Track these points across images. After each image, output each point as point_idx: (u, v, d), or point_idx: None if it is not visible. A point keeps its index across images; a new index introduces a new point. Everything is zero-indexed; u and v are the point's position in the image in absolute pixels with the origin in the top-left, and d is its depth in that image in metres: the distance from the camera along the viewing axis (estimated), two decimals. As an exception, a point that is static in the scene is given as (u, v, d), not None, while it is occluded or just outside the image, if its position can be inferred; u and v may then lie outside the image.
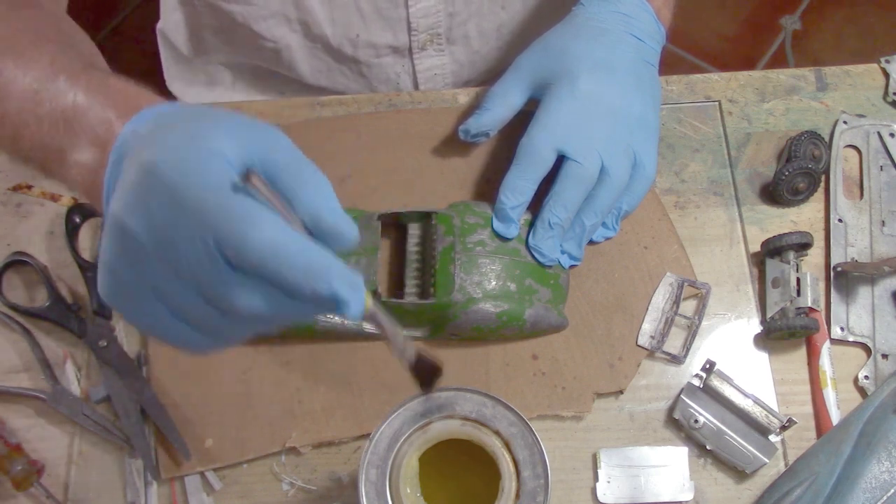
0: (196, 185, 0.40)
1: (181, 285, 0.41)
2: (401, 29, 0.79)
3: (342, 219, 0.43)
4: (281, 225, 0.40)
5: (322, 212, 0.42)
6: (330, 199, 0.43)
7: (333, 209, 0.42)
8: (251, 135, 0.43)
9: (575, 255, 0.66)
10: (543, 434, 0.53)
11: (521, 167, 0.65)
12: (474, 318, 0.63)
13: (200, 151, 0.41)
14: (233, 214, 0.39)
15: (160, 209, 0.40)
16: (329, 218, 0.42)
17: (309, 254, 0.40)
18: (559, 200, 0.64)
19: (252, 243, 0.39)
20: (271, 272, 0.40)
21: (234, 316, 0.42)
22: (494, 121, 0.69)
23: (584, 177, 0.64)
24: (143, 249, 0.41)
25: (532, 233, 0.65)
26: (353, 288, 0.41)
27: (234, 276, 0.40)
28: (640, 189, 0.67)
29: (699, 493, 0.62)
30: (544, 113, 0.65)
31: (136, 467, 0.62)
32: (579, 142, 0.64)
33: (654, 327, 0.67)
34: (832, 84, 0.77)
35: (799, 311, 0.65)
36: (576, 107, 0.65)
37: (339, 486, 0.62)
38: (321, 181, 0.43)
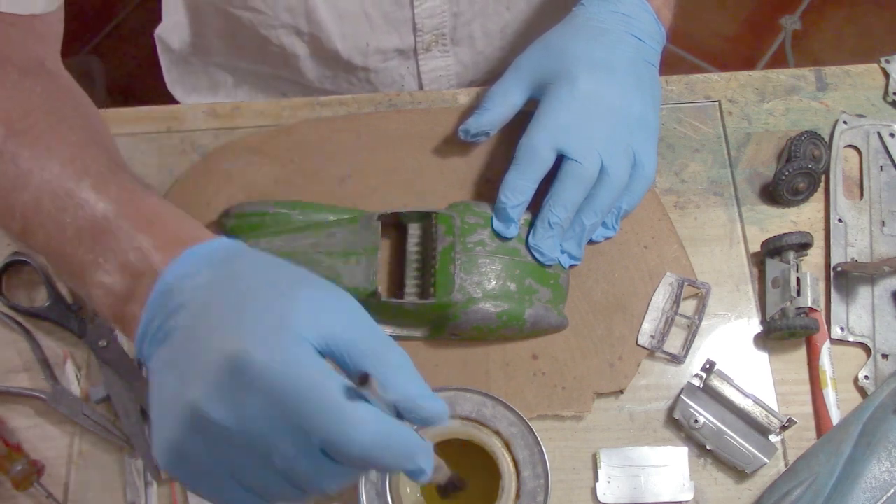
0: (299, 388, 0.38)
1: (267, 472, 0.40)
2: (406, 31, 0.79)
3: (435, 402, 0.42)
4: (384, 420, 0.40)
5: (416, 399, 0.41)
6: (418, 382, 0.42)
7: (425, 393, 0.42)
8: (332, 314, 0.41)
9: (575, 254, 0.66)
10: (543, 434, 0.53)
11: (521, 167, 0.65)
12: (474, 317, 0.63)
13: (294, 343, 0.39)
14: (343, 420, 0.38)
15: (256, 407, 0.39)
16: (427, 406, 0.42)
17: (406, 442, 0.40)
18: (559, 200, 0.64)
19: (359, 445, 0.39)
20: (372, 463, 0.40)
21: (316, 493, 0.41)
22: (494, 120, 0.69)
23: (583, 176, 0.64)
24: (228, 438, 0.39)
25: (532, 232, 0.65)
26: (429, 456, 0.41)
27: (330, 467, 0.40)
28: (640, 189, 0.67)
29: (699, 493, 0.62)
30: (544, 113, 0.65)
31: (136, 467, 0.62)
32: (579, 141, 0.64)
33: (654, 327, 0.67)
34: (832, 84, 0.77)
35: (799, 311, 0.65)
36: (575, 107, 0.65)
37: (339, 486, 0.62)
38: (405, 361, 0.42)
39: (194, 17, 0.84)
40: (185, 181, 0.71)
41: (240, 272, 0.43)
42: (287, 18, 0.76)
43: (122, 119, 0.74)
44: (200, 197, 0.70)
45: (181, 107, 0.77)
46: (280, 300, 0.41)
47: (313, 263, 0.63)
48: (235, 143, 0.73)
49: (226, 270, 0.42)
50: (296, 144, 0.73)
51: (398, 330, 0.65)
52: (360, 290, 0.62)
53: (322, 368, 0.39)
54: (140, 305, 0.43)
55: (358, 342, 0.41)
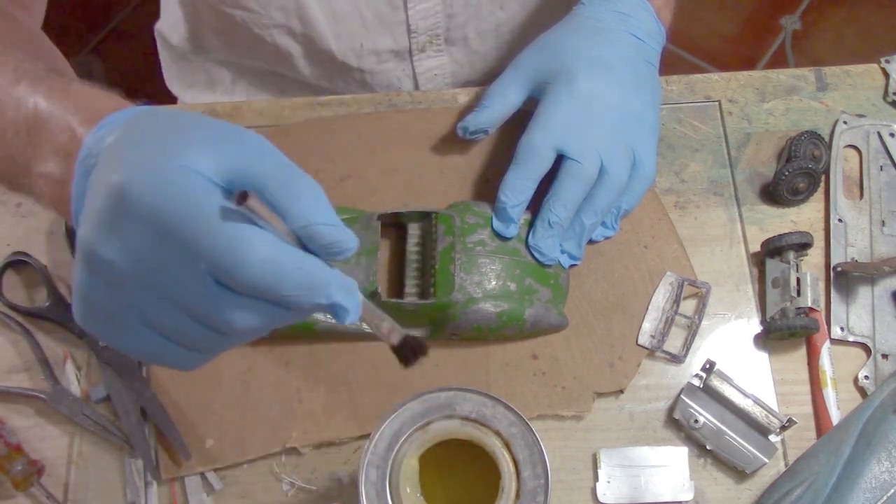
0: (177, 210, 0.38)
1: (169, 309, 0.40)
2: (400, 32, 0.79)
3: (339, 230, 0.41)
4: (276, 244, 0.39)
5: (317, 226, 0.41)
6: (324, 210, 0.41)
7: (329, 220, 0.41)
8: (230, 146, 0.41)
9: (575, 254, 0.66)
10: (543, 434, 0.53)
11: (521, 167, 0.65)
12: (474, 317, 0.63)
13: (175, 171, 0.38)
14: (225, 241, 0.38)
15: (138, 236, 0.38)
16: (325, 232, 0.41)
17: (307, 269, 0.40)
18: (559, 200, 0.64)
19: (247, 267, 0.38)
20: (269, 292, 0.39)
21: (228, 333, 0.41)
22: (493, 118, 0.69)
23: (583, 176, 0.64)
24: (122, 276, 0.39)
25: (532, 232, 0.65)
26: (350, 294, 0.41)
27: (228, 297, 0.40)
28: (640, 188, 0.67)
29: (699, 493, 0.62)
30: (543, 112, 0.65)
31: (136, 467, 0.62)
32: (578, 141, 0.64)
33: (654, 326, 0.67)
34: (832, 84, 0.77)
35: (799, 311, 0.65)
36: (574, 106, 0.65)
37: (339, 486, 0.62)
38: (313, 191, 0.41)
39: (189, 14, 0.84)
40: (185, 181, 0.71)
41: (145, 123, 0.42)
42: (280, 18, 0.76)
43: (122, 119, 0.74)
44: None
45: (181, 107, 0.77)
46: (174, 132, 0.40)
47: (313, 263, 0.63)
48: (235, 143, 0.73)
49: (134, 125, 0.42)
50: (296, 144, 0.72)
51: (398, 330, 0.65)
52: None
53: (204, 190, 0.38)
54: (71, 181, 0.43)
55: (265, 173, 0.40)
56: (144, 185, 0.38)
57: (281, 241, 0.40)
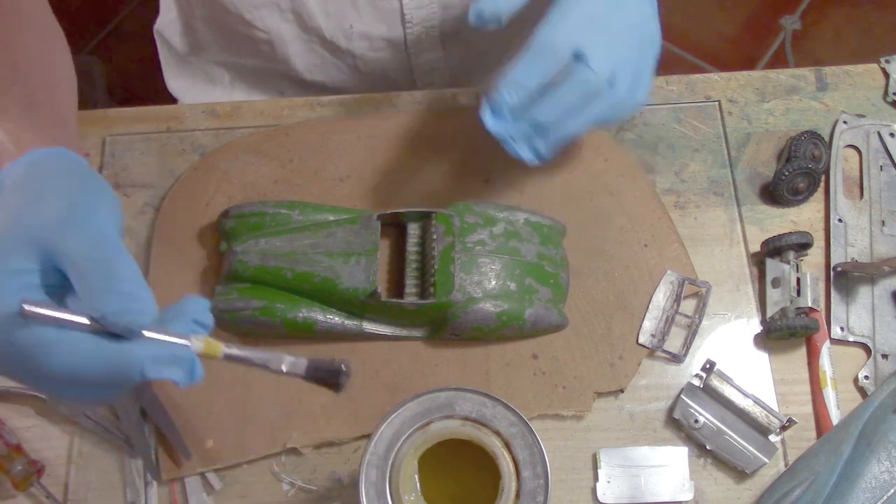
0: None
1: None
2: (395, 21, 0.78)
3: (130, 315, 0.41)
4: (71, 346, 0.40)
5: (107, 317, 0.41)
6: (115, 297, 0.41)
7: (116, 308, 0.41)
8: (56, 236, 0.41)
9: (542, 153, 0.60)
10: (543, 434, 0.53)
11: (530, 61, 0.57)
12: (474, 317, 0.63)
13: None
14: (20, 353, 0.39)
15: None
16: (116, 321, 0.41)
17: (106, 361, 0.40)
18: (557, 101, 0.58)
19: (49, 374, 0.40)
20: (86, 388, 0.41)
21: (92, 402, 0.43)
22: (512, 3, 0.60)
23: (592, 87, 0.57)
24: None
25: (512, 114, 0.59)
26: (175, 363, 0.41)
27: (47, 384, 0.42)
28: (628, 110, 0.62)
29: (699, 493, 0.62)
30: (567, 5, 0.58)
31: (136, 467, 0.62)
32: (599, 47, 0.57)
33: (654, 326, 0.67)
34: (832, 84, 0.77)
35: (799, 311, 0.65)
36: (600, 8, 0.58)
37: (339, 486, 0.62)
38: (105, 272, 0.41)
39: (183, 7, 0.83)
40: (185, 181, 0.71)
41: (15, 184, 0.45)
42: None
43: (122, 119, 0.74)
44: (200, 197, 0.70)
45: (181, 107, 0.77)
46: (14, 211, 0.43)
47: (313, 263, 0.63)
48: (235, 143, 0.73)
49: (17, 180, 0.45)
50: (295, 144, 0.73)
51: (398, 330, 0.65)
52: (359, 290, 0.62)
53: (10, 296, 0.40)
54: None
55: (71, 255, 0.42)
56: None
57: (73, 334, 0.41)
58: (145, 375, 0.40)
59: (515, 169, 0.71)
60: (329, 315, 0.64)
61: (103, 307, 0.41)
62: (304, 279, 0.63)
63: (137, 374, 0.40)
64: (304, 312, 0.63)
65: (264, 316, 0.63)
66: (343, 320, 0.64)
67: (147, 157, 0.73)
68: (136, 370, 0.40)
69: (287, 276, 0.63)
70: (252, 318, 0.63)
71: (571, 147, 0.72)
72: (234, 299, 0.63)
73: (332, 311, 0.64)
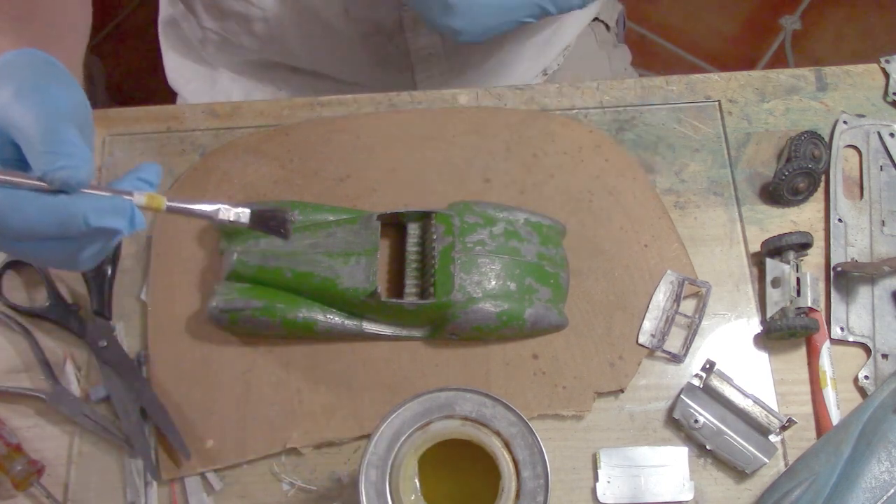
0: None
1: None
2: (391, 4, 0.78)
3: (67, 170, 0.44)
4: (8, 192, 0.44)
5: (49, 174, 0.44)
6: (49, 157, 0.44)
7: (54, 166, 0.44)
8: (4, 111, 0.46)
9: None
10: (543, 434, 0.53)
11: None
12: (474, 317, 0.63)
13: None
14: None
15: None
16: (56, 177, 0.44)
17: (49, 203, 0.44)
18: None
19: (5, 233, 0.45)
20: (25, 233, 0.45)
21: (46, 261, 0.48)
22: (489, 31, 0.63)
23: None
24: None
25: None
26: (115, 212, 0.45)
27: (17, 245, 0.46)
28: None
29: (699, 493, 0.62)
30: None
31: (136, 467, 0.62)
32: None
33: (654, 325, 0.67)
34: (832, 84, 0.77)
35: (799, 311, 0.65)
36: None
37: (339, 486, 0.62)
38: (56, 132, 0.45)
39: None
40: (185, 181, 0.71)
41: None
42: None
43: (122, 119, 0.74)
44: (200, 197, 0.70)
45: (181, 107, 0.77)
46: None
47: (313, 263, 0.63)
48: (235, 143, 0.73)
49: None
50: (295, 144, 0.73)
51: (398, 330, 0.65)
52: (359, 290, 0.62)
53: None
54: None
55: (18, 126, 0.45)
56: None
57: (20, 191, 0.45)
58: (89, 224, 0.44)
59: (515, 169, 0.72)
60: (329, 315, 0.64)
61: (44, 167, 0.44)
62: (303, 279, 0.63)
63: (82, 223, 0.44)
64: (304, 312, 0.63)
65: (264, 316, 0.63)
66: (343, 320, 0.64)
67: (147, 157, 0.73)
68: (80, 219, 0.44)
69: (287, 276, 0.63)
70: (252, 318, 0.63)
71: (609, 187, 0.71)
72: (234, 299, 0.63)
73: (332, 311, 0.64)
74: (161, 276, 0.68)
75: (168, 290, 0.67)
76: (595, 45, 0.97)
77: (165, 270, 0.68)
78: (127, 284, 0.68)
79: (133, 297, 0.68)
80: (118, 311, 0.67)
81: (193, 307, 0.67)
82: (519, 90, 0.76)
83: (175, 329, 0.66)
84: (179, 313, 0.66)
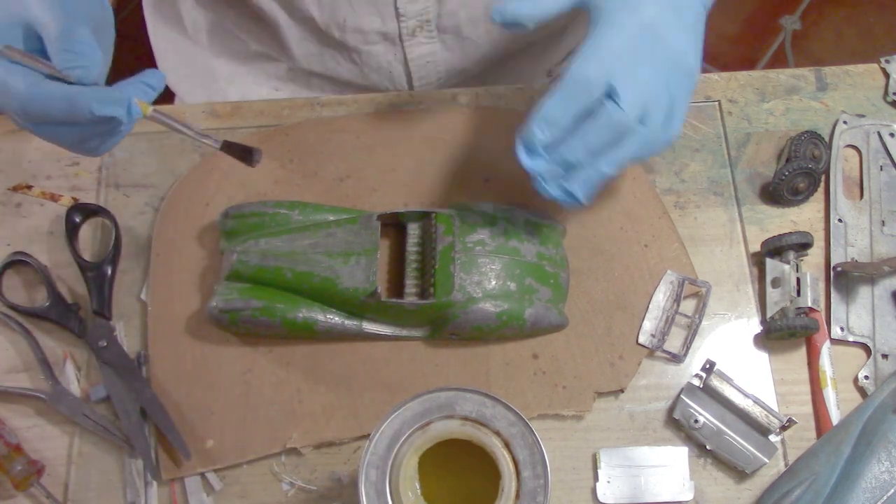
0: None
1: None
2: (388, 15, 0.78)
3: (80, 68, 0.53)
4: (34, 81, 0.53)
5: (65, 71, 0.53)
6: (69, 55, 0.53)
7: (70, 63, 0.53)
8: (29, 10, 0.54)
9: (579, 197, 0.59)
10: (543, 434, 0.53)
11: (564, 96, 0.56)
12: (474, 317, 0.63)
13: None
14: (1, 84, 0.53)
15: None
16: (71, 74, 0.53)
17: (62, 95, 0.53)
18: (585, 140, 0.57)
19: (15, 101, 0.53)
20: (42, 116, 0.53)
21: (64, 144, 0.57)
22: (534, 12, 0.58)
23: (622, 125, 0.56)
24: None
25: (542, 159, 0.58)
26: (115, 102, 0.53)
27: (36, 127, 0.55)
28: (663, 144, 0.60)
29: (699, 493, 0.62)
30: (601, 38, 0.57)
31: (136, 467, 0.62)
32: (632, 83, 0.56)
33: (654, 325, 0.67)
34: (832, 84, 0.77)
35: (799, 311, 0.65)
36: (638, 40, 0.57)
37: (339, 486, 0.62)
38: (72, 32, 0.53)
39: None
40: (185, 181, 0.71)
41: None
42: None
43: (122, 119, 0.74)
44: (200, 197, 0.70)
45: (181, 107, 0.77)
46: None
47: (312, 263, 0.63)
48: (235, 143, 0.73)
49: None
50: (295, 144, 0.73)
51: (398, 330, 0.65)
52: (359, 290, 0.62)
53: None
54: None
55: (43, 24, 0.54)
56: None
57: (41, 79, 0.54)
58: (93, 111, 0.52)
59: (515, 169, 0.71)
60: (329, 315, 0.64)
61: (62, 63, 0.53)
62: (303, 279, 0.63)
63: (87, 110, 0.52)
64: (303, 312, 0.63)
65: (264, 316, 0.63)
66: (343, 320, 0.64)
67: (147, 157, 0.73)
68: (86, 107, 0.52)
69: (287, 276, 0.63)
70: (252, 318, 0.63)
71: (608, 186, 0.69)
72: (234, 299, 0.63)
73: (331, 311, 0.64)
74: (161, 276, 0.68)
75: (168, 290, 0.67)
76: None
77: (165, 270, 0.68)
78: (127, 284, 0.68)
79: (133, 297, 0.68)
80: (118, 311, 0.67)
81: (193, 307, 0.67)
82: (519, 90, 0.76)
83: (175, 329, 0.66)
84: (179, 313, 0.67)
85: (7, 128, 0.73)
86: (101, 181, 0.72)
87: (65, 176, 0.72)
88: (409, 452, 0.50)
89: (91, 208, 0.70)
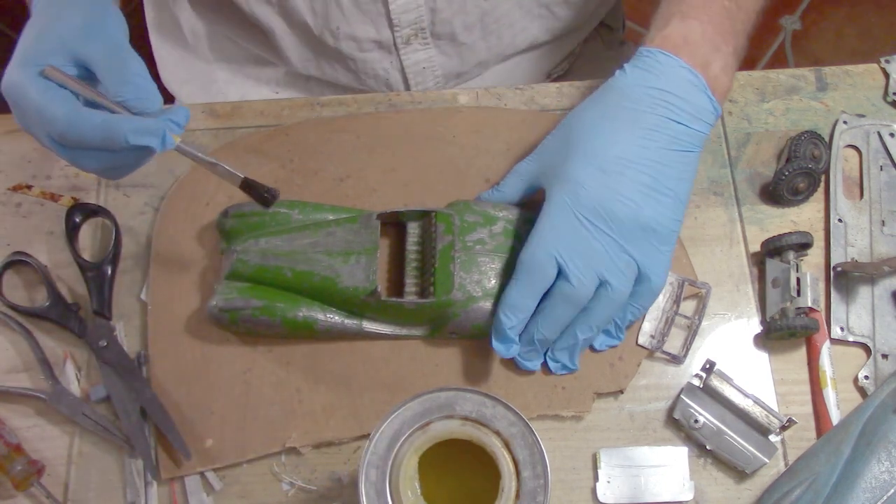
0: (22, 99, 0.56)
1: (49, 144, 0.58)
2: (382, 24, 0.78)
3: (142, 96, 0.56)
4: (75, 107, 0.54)
5: (126, 101, 0.55)
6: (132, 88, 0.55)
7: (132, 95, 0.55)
8: (77, 40, 0.56)
9: (567, 365, 0.64)
10: (543, 434, 0.53)
11: (522, 283, 0.61)
12: (474, 316, 0.63)
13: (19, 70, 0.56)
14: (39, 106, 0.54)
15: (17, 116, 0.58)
16: (131, 105, 0.56)
17: (101, 124, 0.54)
18: (546, 319, 0.61)
19: (53, 125, 0.54)
20: (77, 142, 0.55)
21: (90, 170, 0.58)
22: (506, 196, 0.68)
23: (575, 298, 0.60)
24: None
25: (513, 343, 0.62)
26: (150, 133, 0.54)
27: (65, 150, 0.56)
28: (646, 301, 0.63)
29: (699, 493, 0.62)
30: (545, 223, 0.61)
31: (136, 467, 0.62)
32: (577, 260, 0.60)
33: (654, 326, 0.67)
34: (832, 84, 0.77)
35: (799, 311, 0.65)
36: (577, 220, 0.60)
37: (339, 486, 0.62)
38: (123, 71, 0.56)
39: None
40: (185, 181, 0.71)
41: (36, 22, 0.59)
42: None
43: (122, 119, 0.74)
44: (200, 197, 0.70)
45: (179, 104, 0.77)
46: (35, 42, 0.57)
47: (313, 263, 0.63)
48: (235, 143, 0.73)
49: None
50: (295, 144, 0.73)
51: (398, 329, 0.65)
52: (359, 290, 0.62)
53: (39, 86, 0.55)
54: None
55: (93, 59, 0.56)
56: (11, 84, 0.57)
57: (79, 105, 0.55)
58: (128, 141, 0.54)
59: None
60: (329, 314, 0.64)
61: (124, 95, 0.55)
62: (303, 278, 0.63)
63: (123, 139, 0.54)
64: (304, 312, 0.63)
65: (264, 315, 0.63)
66: (343, 319, 0.64)
67: (147, 156, 0.73)
68: (122, 136, 0.54)
69: (287, 275, 0.63)
70: (252, 318, 0.63)
71: None
72: (234, 299, 0.63)
73: (331, 311, 0.64)
74: (161, 276, 0.68)
75: (168, 289, 0.67)
76: (601, 47, 0.97)
77: (165, 270, 0.68)
78: (127, 284, 0.68)
79: (133, 297, 0.68)
80: (118, 311, 0.67)
81: (193, 307, 0.67)
82: (519, 90, 0.76)
83: (175, 329, 0.66)
84: (179, 313, 0.66)
85: (7, 128, 0.73)
86: (101, 181, 0.72)
87: (65, 176, 0.72)
88: (409, 452, 0.50)
89: (91, 208, 0.70)
